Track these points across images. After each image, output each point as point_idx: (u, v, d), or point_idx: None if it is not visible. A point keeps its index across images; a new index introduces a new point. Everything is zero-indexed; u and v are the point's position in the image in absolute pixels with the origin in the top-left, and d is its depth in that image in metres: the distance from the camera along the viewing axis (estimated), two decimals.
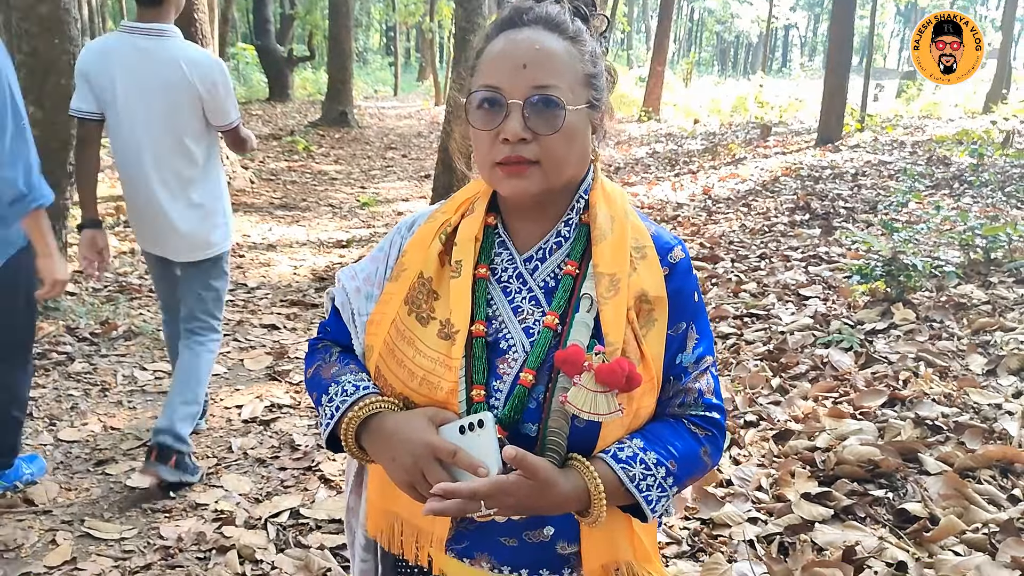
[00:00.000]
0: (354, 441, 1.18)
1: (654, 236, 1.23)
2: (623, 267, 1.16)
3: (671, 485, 1.14)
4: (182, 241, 3.28)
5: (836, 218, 7.41)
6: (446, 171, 7.44)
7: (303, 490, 3.24)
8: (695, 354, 1.21)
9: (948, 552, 2.54)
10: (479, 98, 1.15)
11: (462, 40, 7.33)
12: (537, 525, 1.18)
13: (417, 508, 1.16)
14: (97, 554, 2.79)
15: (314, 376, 1.28)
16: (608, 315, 1.13)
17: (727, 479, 3.13)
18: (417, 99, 27.06)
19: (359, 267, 1.33)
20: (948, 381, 3.67)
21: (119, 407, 3.91)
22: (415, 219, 1.33)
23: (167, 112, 3.13)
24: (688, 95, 24.08)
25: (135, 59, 3.09)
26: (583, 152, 1.19)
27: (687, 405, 1.20)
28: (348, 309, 1.29)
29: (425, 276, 1.22)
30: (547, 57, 1.13)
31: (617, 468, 1.10)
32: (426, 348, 1.17)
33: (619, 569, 1.20)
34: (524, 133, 1.11)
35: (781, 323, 4.76)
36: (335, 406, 1.19)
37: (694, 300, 1.23)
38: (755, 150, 12.87)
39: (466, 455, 1.07)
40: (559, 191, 1.20)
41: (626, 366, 1.06)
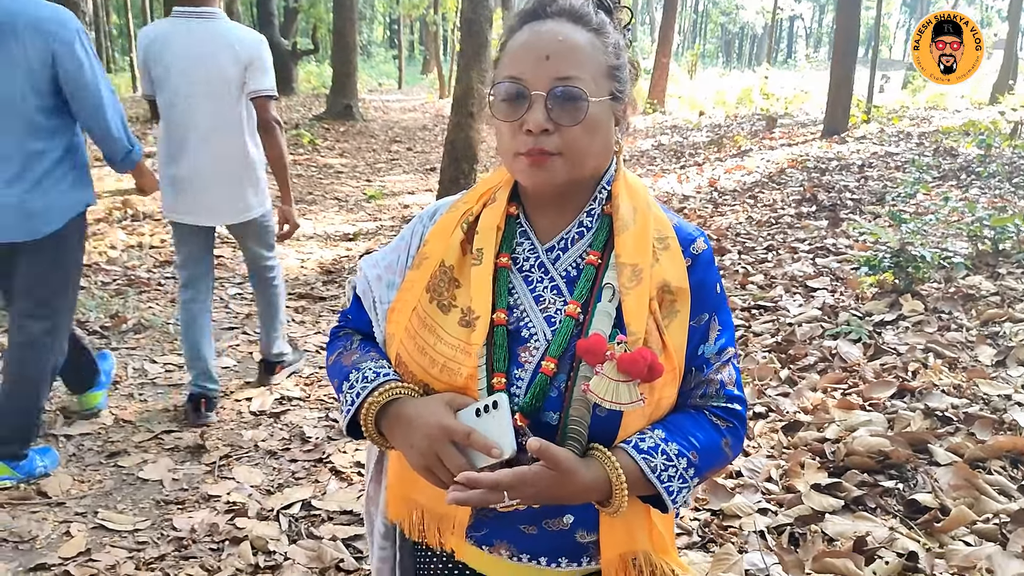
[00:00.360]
0: (374, 427, 1.19)
1: (676, 228, 1.23)
2: (646, 257, 1.17)
3: (692, 476, 1.14)
4: (225, 208, 3.67)
5: (843, 210, 7.40)
6: (452, 164, 7.45)
7: (314, 482, 3.25)
8: (717, 345, 1.21)
9: (959, 542, 2.55)
10: (503, 89, 1.16)
11: (468, 32, 7.33)
12: (557, 514, 1.18)
13: (437, 495, 1.17)
14: (111, 545, 2.81)
15: (335, 363, 1.29)
16: (630, 305, 1.13)
17: (736, 470, 3.14)
18: (421, 92, 27.04)
19: (380, 256, 1.34)
20: (957, 372, 3.67)
21: (130, 400, 3.93)
22: (437, 208, 1.34)
23: (216, 85, 3.51)
24: (693, 87, 24.05)
25: (189, 40, 3.47)
26: (606, 144, 1.20)
27: (709, 396, 1.21)
28: (369, 297, 1.30)
29: (447, 264, 1.22)
30: (570, 49, 1.13)
31: (639, 458, 1.11)
32: (447, 335, 1.17)
33: (636, 559, 1.21)
34: (547, 124, 1.12)
35: (789, 315, 4.76)
36: (355, 392, 1.20)
37: (716, 292, 1.23)
38: (761, 142, 12.86)
39: (480, 436, 1.08)
40: (582, 182, 1.20)
41: (648, 356, 1.07)
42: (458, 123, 7.41)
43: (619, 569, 1.20)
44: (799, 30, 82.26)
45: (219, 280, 5.97)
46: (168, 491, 3.17)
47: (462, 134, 7.38)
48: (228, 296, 5.65)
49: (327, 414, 3.84)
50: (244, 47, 3.53)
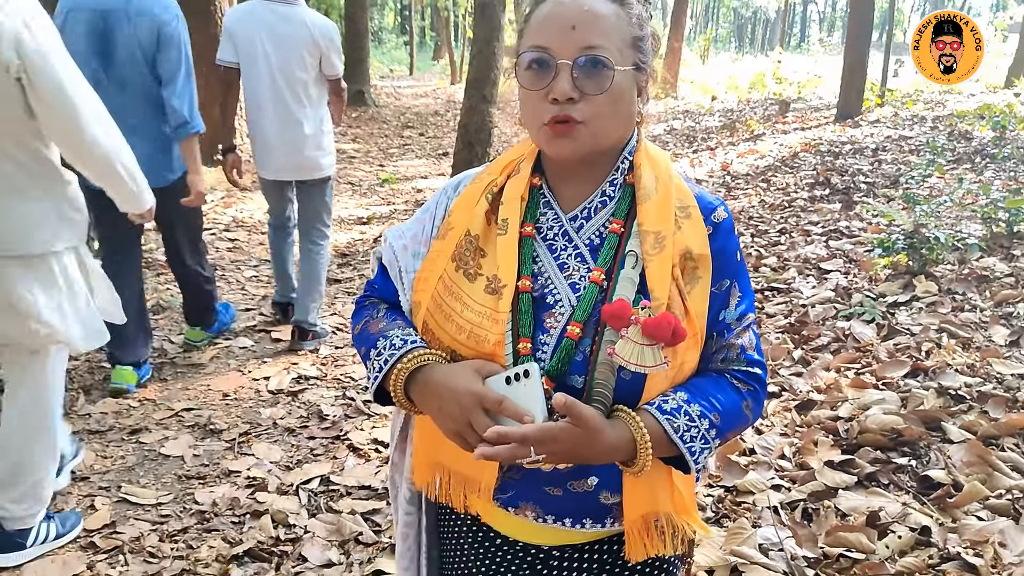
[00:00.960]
0: (403, 392, 1.21)
1: (697, 197, 1.26)
2: (668, 225, 1.19)
3: (714, 437, 1.17)
4: (299, 164, 4.23)
5: (856, 193, 7.38)
6: (465, 147, 7.46)
7: (332, 458, 3.30)
8: (738, 311, 1.24)
9: (971, 517, 2.57)
10: (528, 58, 1.18)
11: (482, 16, 7.33)
12: (581, 475, 1.21)
13: (463, 458, 1.20)
14: (135, 518, 2.86)
15: (362, 332, 1.32)
16: (654, 271, 1.16)
17: (750, 448, 3.17)
18: (433, 78, 27.00)
19: (406, 227, 1.37)
20: (971, 352, 3.68)
21: (150, 379, 3.98)
22: (460, 180, 1.36)
23: (295, 62, 4.07)
24: (705, 72, 23.94)
25: (273, 21, 4.04)
26: (629, 113, 1.22)
27: (730, 360, 1.24)
28: (395, 267, 1.32)
29: (472, 234, 1.25)
30: (596, 18, 1.15)
31: (662, 419, 1.13)
32: (473, 303, 1.20)
33: (659, 520, 1.23)
34: (572, 92, 1.14)
35: (802, 296, 4.78)
36: (383, 359, 1.22)
37: (736, 259, 1.26)
38: (774, 126, 12.81)
39: (512, 404, 1.09)
40: (604, 152, 1.23)
41: (672, 320, 1.09)
42: (471, 107, 7.42)
43: (641, 530, 1.23)
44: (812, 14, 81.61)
45: (235, 263, 6.03)
46: (189, 466, 3.22)
47: (475, 118, 7.39)
48: (244, 278, 5.69)
49: (344, 392, 3.89)
50: (320, 31, 4.11)
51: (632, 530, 1.23)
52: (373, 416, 3.65)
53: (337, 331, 4.73)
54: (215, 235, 6.74)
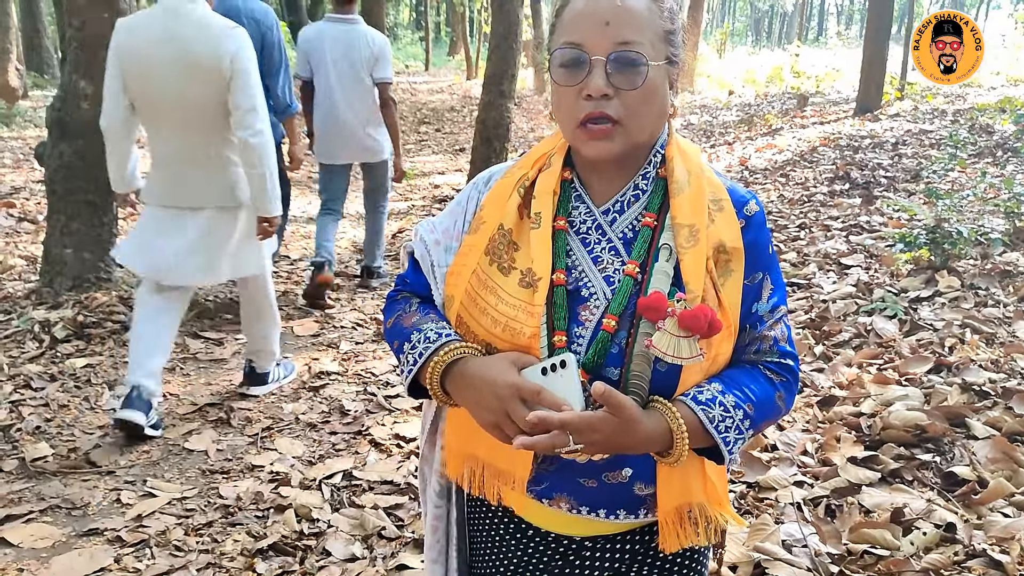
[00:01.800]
0: (439, 386, 1.22)
1: (730, 190, 1.26)
2: (701, 218, 1.19)
3: (748, 428, 1.17)
4: (362, 151, 5.31)
5: (877, 187, 7.34)
6: (484, 143, 7.45)
7: (354, 453, 3.31)
8: (770, 303, 1.25)
9: (997, 514, 2.56)
10: (561, 55, 1.18)
11: (499, 11, 7.31)
12: (616, 466, 1.21)
13: (497, 450, 1.21)
14: (160, 512, 2.89)
15: (395, 326, 1.32)
16: (688, 264, 1.16)
17: (772, 444, 3.16)
18: (448, 74, 27.01)
19: (438, 221, 1.37)
20: (995, 347, 3.65)
21: (173, 374, 4.01)
22: (491, 175, 1.37)
23: (358, 71, 5.11)
24: (722, 66, 23.80)
25: (337, 35, 5.05)
26: (663, 107, 1.22)
27: (763, 352, 1.24)
28: (427, 261, 1.33)
29: (505, 228, 1.25)
30: (629, 14, 1.15)
31: (697, 409, 1.14)
32: (508, 296, 1.20)
33: (692, 511, 1.24)
34: (607, 89, 1.14)
35: (823, 292, 4.75)
36: (418, 352, 1.23)
37: (768, 252, 1.26)
38: (792, 120, 12.74)
39: (550, 394, 1.10)
40: (638, 147, 1.23)
41: (708, 312, 1.10)
42: (489, 102, 7.41)
43: (675, 521, 1.23)
44: (830, 7, 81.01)
45: None
46: (213, 461, 3.25)
47: (493, 113, 7.38)
48: None
49: (365, 388, 3.91)
50: (376, 45, 5.16)
51: (666, 521, 1.23)
52: (395, 411, 3.67)
53: (357, 327, 4.75)
54: None
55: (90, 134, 4.63)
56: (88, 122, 4.62)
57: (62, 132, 4.68)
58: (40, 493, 2.97)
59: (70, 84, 4.64)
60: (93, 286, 4.78)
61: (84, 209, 4.75)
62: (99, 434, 3.41)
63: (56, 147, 4.71)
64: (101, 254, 4.85)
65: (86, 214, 4.76)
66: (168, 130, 3.36)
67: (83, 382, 3.84)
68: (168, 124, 3.34)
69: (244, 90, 3.24)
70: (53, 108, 4.74)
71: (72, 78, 4.62)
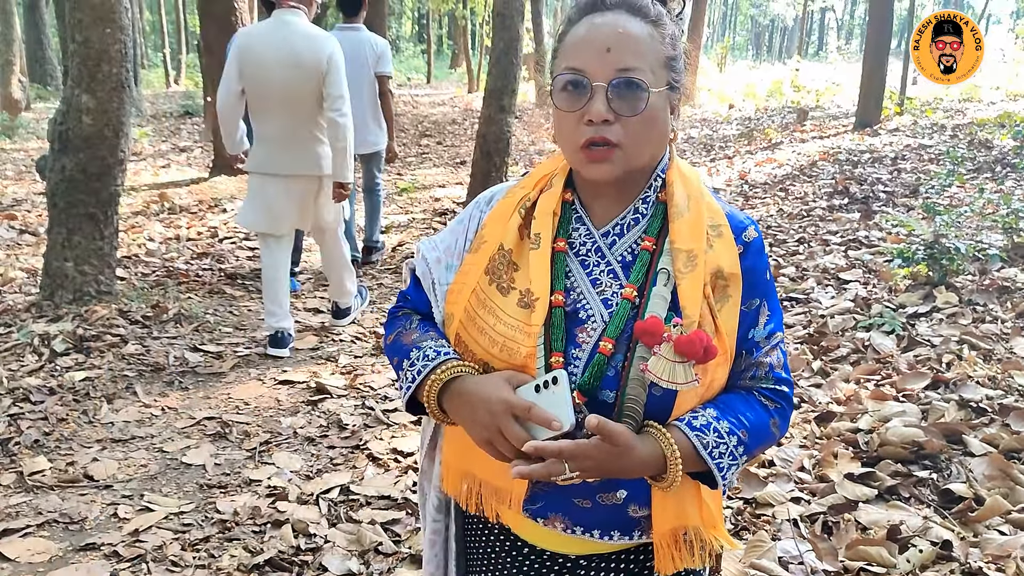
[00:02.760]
0: (436, 403, 1.23)
1: (728, 216, 1.27)
2: (700, 244, 1.20)
3: (742, 454, 1.18)
4: (362, 143, 5.68)
5: (876, 202, 7.36)
6: (484, 157, 7.47)
7: (352, 468, 3.32)
8: (767, 330, 1.25)
9: (993, 531, 2.56)
10: (563, 80, 1.20)
11: (501, 26, 7.35)
12: (611, 488, 1.22)
13: (494, 468, 1.22)
14: (157, 527, 2.89)
15: (395, 342, 1.34)
16: (686, 289, 1.17)
17: (769, 460, 3.16)
18: (450, 87, 27.09)
19: (440, 239, 1.39)
20: (992, 364, 3.66)
21: (171, 387, 4.02)
22: (494, 194, 1.38)
23: (362, 71, 5.77)
24: (723, 80, 23.88)
25: (347, 43, 5.14)
26: (663, 133, 1.24)
27: (758, 378, 1.25)
28: (429, 278, 1.34)
29: (505, 248, 1.27)
30: (630, 40, 1.17)
31: (692, 435, 1.15)
32: (506, 316, 1.22)
33: (687, 533, 1.24)
34: (608, 115, 1.16)
35: (821, 307, 4.76)
36: (417, 370, 1.24)
37: (766, 278, 1.27)
38: (792, 135, 12.77)
39: (541, 410, 1.11)
40: (638, 171, 1.24)
41: (704, 338, 1.11)
42: (489, 116, 7.44)
43: (670, 543, 1.24)
44: (830, 22, 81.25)
45: (255, 271, 6.08)
46: (211, 475, 3.25)
47: (494, 127, 7.41)
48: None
49: (363, 402, 3.91)
50: (378, 47, 5.94)
51: (662, 544, 1.24)
52: (393, 426, 3.67)
53: (356, 340, 4.76)
54: (235, 244, 6.80)
55: (92, 148, 4.67)
56: (90, 136, 4.66)
57: (64, 146, 4.70)
58: (37, 507, 2.97)
59: (72, 98, 4.67)
60: (93, 299, 4.79)
61: (85, 222, 4.77)
62: (97, 448, 3.41)
63: (58, 160, 4.73)
64: (102, 267, 4.87)
65: (87, 227, 4.78)
66: (273, 113, 4.27)
67: (82, 395, 3.85)
68: (273, 109, 4.26)
69: (336, 82, 4.23)
70: (55, 122, 4.77)
71: (74, 92, 4.65)
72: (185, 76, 24.69)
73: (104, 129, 4.66)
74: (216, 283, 5.70)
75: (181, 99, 17.74)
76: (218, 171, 9.23)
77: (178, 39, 28.26)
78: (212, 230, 7.14)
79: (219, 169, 9.25)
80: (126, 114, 4.78)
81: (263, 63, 4.15)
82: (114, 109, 4.66)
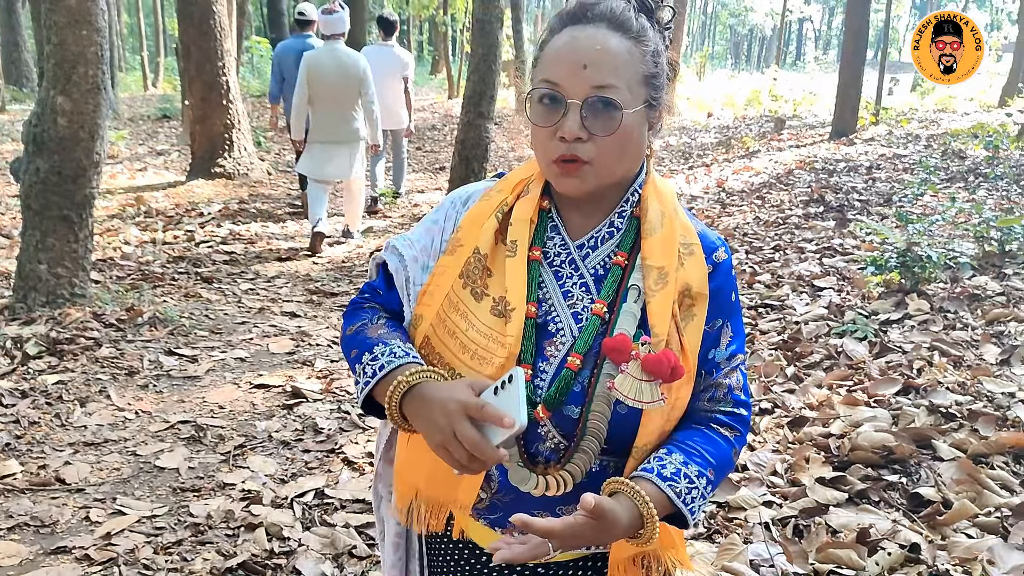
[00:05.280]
0: (398, 408, 1.18)
1: (701, 235, 1.27)
2: (672, 261, 1.20)
3: (709, 492, 1.19)
4: (391, 120, 8.21)
5: (850, 210, 7.44)
6: (462, 163, 7.48)
7: (327, 472, 3.31)
8: (728, 351, 1.25)
9: (961, 535, 2.59)
10: (539, 94, 1.19)
11: (480, 32, 7.37)
12: (571, 501, 1.19)
13: (438, 479, 1.22)
14: (129, 530, 2.87)
15: (357, 334, 1.29)
16: (655, 307, 1.17)
17: (742, 464, 3.19)
18: (431, 92, 27.02)
19: (414, 236, 1.35)
20: (962, 370, 3.71)
21: (146, 391, 3.99)
22: (470, 195, 1.36)
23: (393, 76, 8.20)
24: (701, 88, 24.04)
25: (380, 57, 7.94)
26: (637, 151, 1.22)
27: (716, 400, 1.25)
28: (402, 275, 1.31)
29: (481, 252, 1.25)
30: (608, 57, 1.15)
31: (664, 486, 1.14)
32: (478, 322, 1.20)
33: (646, 557, 1.25)
34: (580, 133, 1.15)
35: (795, 313, 4.81)
36: (379, 364, 1.20)
37: (731, 299, 1.27)
38: (769, 143, 12.88)
39: (493, 408, 1.07)
40: (612, 185, 1.23)
41: (672, 358, 1.11)
42: (468, 122, 7.45)
43: (627, 566, 1.25)
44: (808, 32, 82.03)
45: (231, 275, 6.05)
46: (184, 479, 3.24)
47: (472, 133, 7.42)
48: (241, 291, 5.71)
49: (339, 406, 3.90)
50: (404, 59, 8.38)
51: (616, 565, 1.25)
52: (368, 430, 3.67)
53: (332, 344, 4.75)
54: (212, 248, 6.77)
55: (67, 150, 4.63)
56: (65, 138, 4.63)
57: (39, 148, 4.66)
58: (8, 511, 2.94)
59: (48, 100, 4.63)
60: (67, 302, 4.75)
61: (59, 225, 4.73)
62: (69, 451, 3.39)
63: (32, 162, 4.69)
64: (76, 270, 4.83)
65: (61, 230, 4.74)
66: (327, 104, 6.70)
67: (55, 399, 3.82)
68: (327, 101, 6.70)
69: (368, 84, 6.80)
70: (30, 123, 4.72)
71: (50, 94, 4.61)
72: (163, 79, 24.52)
73: (79, 131, 4.62)
74: (192, 287, 5.67)
75: (159, 102, 17.61)
76: (195, 175, 9.18)
77: (156, 42, 28.08)
78: (189, 234, 7.10)
79: (196, 173, 9.20)
80: (102, 116, 4.75)
81: (321, 73, 6.62)
82: (90, 111, 4.63)
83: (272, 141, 12.50)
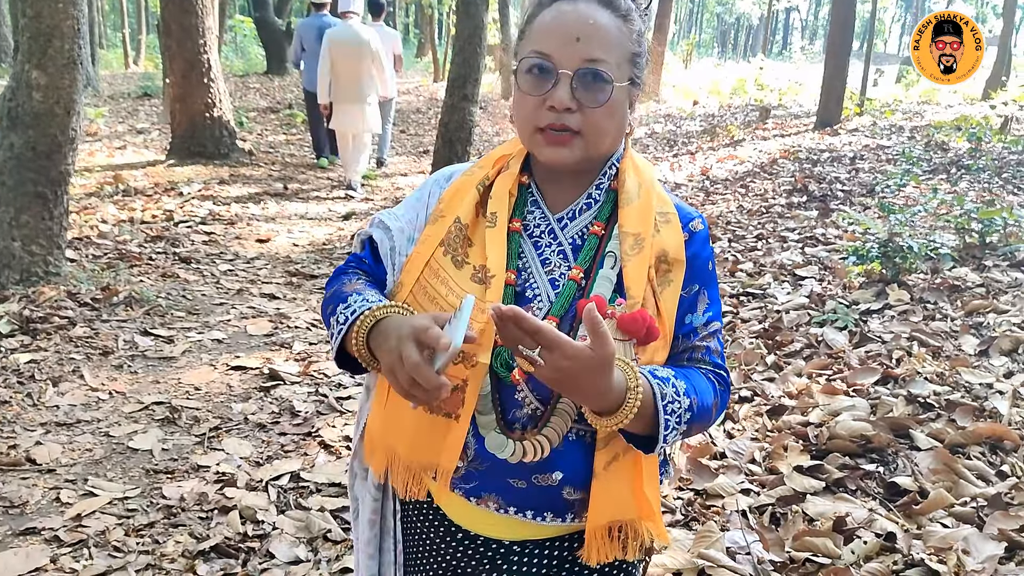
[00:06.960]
0: (364, 342, 1.18)
1: (677, 207, 1.29)
2: (648, 228, 1.22)
3: (685, 422, 1.16)
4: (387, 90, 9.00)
5: (833, 200, 7.45)
6: (446, 145, 7.44)
7: (303, 455, 3.28)
8: (705, 317, 1.26)
9: (936, 524, 2.60)
10: (529, 64, 1.20)
11: (465, 14, 7.31)
12: (546, 469, 1.20)
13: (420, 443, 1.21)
14: (101, 512, 2.83)
15: (335, 293, 1.28)
16: (631, 271, 1.18)
17: (721, 452, 3.18)
18: (416, 75, 26.90)
19: (399, 212, 1.37)
20: (941, 361, 3.72)
21: (120, 371, 3.94)
22: (453, 172, 1.38)
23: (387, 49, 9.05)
24: (688, 77, 24.04)
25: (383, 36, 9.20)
26: (621, 126, 1.25)
27: (695, 360, 1.26)
28: (387, 244, 1.31)
29: (462, 222, 1.27)
30: (600, 32, 1.18)
31: (654, 383, 1.12)
32: (458, 289, 1.21)
33: (622, 528, 1.24)
34: (570, 103, 1.17)
35: (777, 302, 4.81)
36: (351, 311, 1.20)
37: (708, 268, 1.28)
38: (754, 132, 12.89)
39: (436, 330, 1.05)
40: (594, 160, 1.25)
41: (647, 317, 1.12)
42: (452, 105, 7.40)
43: (602, 535, 1.23)
44: (795, 22, 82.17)
45: (210, 256, 5.98)
46: (158, 461, 3.19)
47: (456, 115, 7.37)
48: (219, 272, 5.65)
49: (316, 389, 3.87)
50: (396, 37, 9.95)
51: (593, 534, 1.23)
52: (346, 413, 3.64)
53: (311, 327, 4.71)
54: (191, 228, 6.69)
55: (41, 125, 4.56)
56: (40, 113, 4.55)
57: (13, 122, 4.57)
58: None
59: (22, 74, 4.54)
60: (41, 280, 4.68)
61: (34, 202, 4.65)
62: (41, 431, 3.34)
63: (6, 138, 4.60)
64: (51, 248, 4.76)
65: (36, 207, 4.66)
66: (345, 70, 8.05)
67: (27, 378, 3.76)
68: (347, 69, 8.05)
69: (380, 55, 8.13)
70: (4, 98, 4.63)
71: (24, 68, 4.52)
72: (145, 57, 24.25)
73: (55, 106, 4.54)
74: (170, 267, 5.60)
75: (140, 80, 17.40)
76: (175, 154, 9.07)
77: (138, 19, 27.76)
78: (167, 213, 7.01)
79: (176, 152, 9.08)
80: (78, 91, 4.66)
81: (342, 46, 8.02)
82: (65, 86, 4.55)
83: (254, 122, 12.38)
